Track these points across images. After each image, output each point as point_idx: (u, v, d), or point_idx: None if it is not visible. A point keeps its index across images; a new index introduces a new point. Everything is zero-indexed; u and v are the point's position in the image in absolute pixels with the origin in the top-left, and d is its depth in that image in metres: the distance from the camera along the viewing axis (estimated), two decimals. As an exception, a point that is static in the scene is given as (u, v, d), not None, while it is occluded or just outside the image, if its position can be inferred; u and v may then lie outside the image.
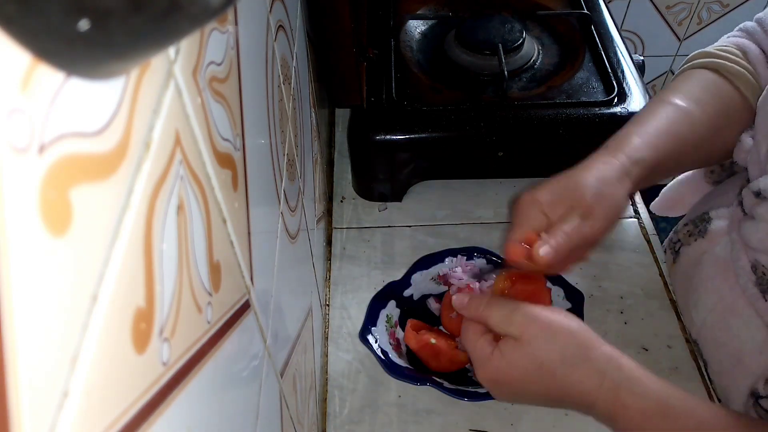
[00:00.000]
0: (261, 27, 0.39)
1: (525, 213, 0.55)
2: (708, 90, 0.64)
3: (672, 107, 0.62)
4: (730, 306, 0.61)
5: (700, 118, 0.62)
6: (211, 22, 0.23)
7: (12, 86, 0.14)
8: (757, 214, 0.57)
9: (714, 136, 0.64)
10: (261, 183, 0.37)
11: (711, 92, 0.64)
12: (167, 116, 0.22)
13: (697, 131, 0.62)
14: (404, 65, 0.83)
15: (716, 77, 0.65)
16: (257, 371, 0.35)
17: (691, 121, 0.62)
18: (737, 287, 0.59)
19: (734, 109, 0.64)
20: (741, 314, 0.59)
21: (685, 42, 1.58)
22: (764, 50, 0.65)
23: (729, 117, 0.64)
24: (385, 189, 0.81)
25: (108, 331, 0.18)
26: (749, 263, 0.58)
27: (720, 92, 0.64)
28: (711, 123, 0.63)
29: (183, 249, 0.24)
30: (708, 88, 0.65)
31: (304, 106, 0.58)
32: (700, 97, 0.64)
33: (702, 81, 0.65)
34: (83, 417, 0.16)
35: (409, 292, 0.69)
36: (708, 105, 0.63)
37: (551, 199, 0.55)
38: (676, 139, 0.61)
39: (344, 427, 0.63)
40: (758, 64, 0.65)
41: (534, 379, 0.49)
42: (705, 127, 0.63)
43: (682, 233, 0.69)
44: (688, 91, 0.64)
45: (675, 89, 0.65)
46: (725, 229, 0.64)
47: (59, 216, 0.16)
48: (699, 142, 0.63)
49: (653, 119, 0.61)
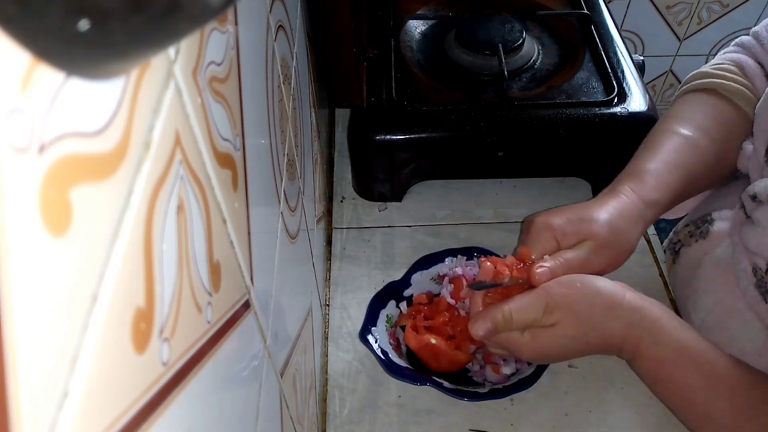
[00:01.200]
0: (261, 27, 0.39)
1: (537, 235, 0.57)
2: (710, 115, 0.65)
3: (678, 138, 0.63)
4: (730, 308, 0.61)
5: (707, 148, 0.63)
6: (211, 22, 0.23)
7: (12, 86, 0.14)
8: (754, 218, 0.57)
9: (721, 162, 0.65)
10: (261, 183, 0.37)
11: (714, 117, 0.65)
12: (167, 116, 0.22)
13: (705, 161, 0.63)
14: (404, 65, 0.83)
15: (716, 100, 0.65)
16: (257, 371, 0.35)
17: (699, 151, 0.63)
18: (737, 290, 0.59)
19: (737, 130, 0.65)
20: (740, 317, 0.59)
21: (685, 42, 1.58)
22: (761, 63, 0.65)
23: (733, 139, 0.65)
24: (385, 189, 0.81)
25: (108, 331, 0.18)
26: (750, 266, 0.58)
27: (722, 116, 0.65)
28: (717, 150, 0.64)
29: (183, 249, 0.24)
30: (710, 114, 0.65)
31: (304, 106, 0.58)
32: (704, 123, 0.64)
33: (703, 106, 0.66)
34: (83, 417, 0.16)
35: (409, 292, 0.69)
36: (711, 130, 0.64)
37: (565, 228, 0.57)
38: (687, 172, 0.62)
39: (344, 427, 0.63)
40: (755, 78, 0.65)
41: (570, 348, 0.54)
42: (712, 156, 0.64)
43: (682, 234, 0.69)
44: (692, 119, 0.65)
45: (678, 117, 0.66)
46: (727, 231, 0.64)
47: (59, 216, 0.16)
48: (707, 171, 0.64)
49: (662, 152, 0.62)
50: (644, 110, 0.75)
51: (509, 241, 0.78)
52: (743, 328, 0.59)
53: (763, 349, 0.57)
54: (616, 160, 0.67)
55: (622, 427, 0.63)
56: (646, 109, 0.75)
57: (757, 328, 0.58)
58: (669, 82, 1.68)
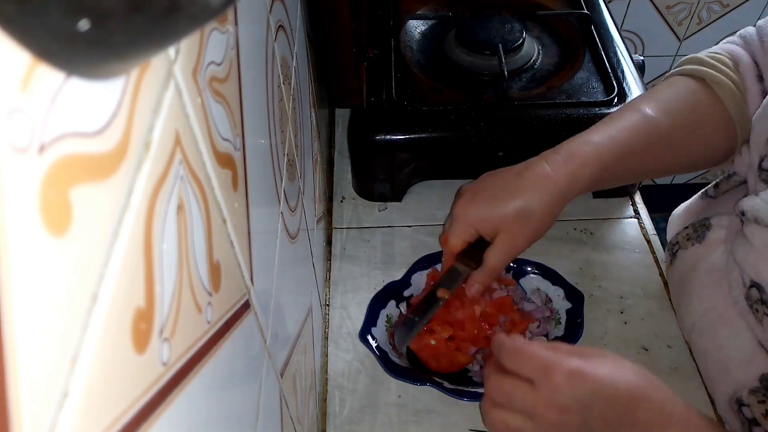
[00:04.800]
0: (261, 27, 0.39)
1: (459, 226, 0.63)
2: (685, 100, 0.65)
3: (639, 115, 0.63)
4: (721, 315, 0.60)
5: (667, 131, 0.63)
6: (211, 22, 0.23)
7: (12, 86, 0.14)
8: (744, 231, 0.57)
9: (680, 147, 0.65)
10: (261, 183, 0.37)
11: (688, 102, 0.65)
12: (167, 116, 0.22)
13: (660, 144, 0.63)
14: (404, 65, 0.83)
15: (698, 86, 0.65)
16: (257, 371, 0.35)
17: (657, 132, 0.63)
18: (729, 298, 0.59)
19: (709, 119, 0.64)
20: (731, 325, 0.59)
21: (685, 42, 1.58)
22: (756, 62, 0.64)
23: (701, 127, 0.65)
24: (385, 189, 0.81)
25: (108, 331, 0.18)
26: (741, 277, 0.57)
27: (698, 103, 0.64)
28: (679, 135, 0.64)
29: (183, 249, 0.24)
30: (686, 98, 0.65)
31: (304, 106, 0.58)
32: (675, 106, 0.64)
33: (681, 91, 0.66)
34: (83, 417, 0.16)
35: (409, 292, 0.69)
36: (680, 116, 0.64)
37: (482, 219, 0.62)
38: (633, 152, 0.62)
39: (344, 427, 0.63)
40: (747, 76, 0.63)
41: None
42: (671, 139, 0.64)
43: (681, 236, 0.69)
44: (663, 100, 0.65)
45: (651, 97, 0.66)
46: (723, 238, 0.63)
47: (59, 216, 0.16)
48: (661, 154, 0.64)
49: (614, 128, 0.63)
50: (644, 110, 0.75)
51: (509, 241, 0.78)
52: (733, 336, 0.59)
53: (751, 357, 0.57)
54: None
55: (622, 427, 0.63)
56: (646, 109, 0.75)
57: (746, 337, 0.58)
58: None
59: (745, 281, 0.56)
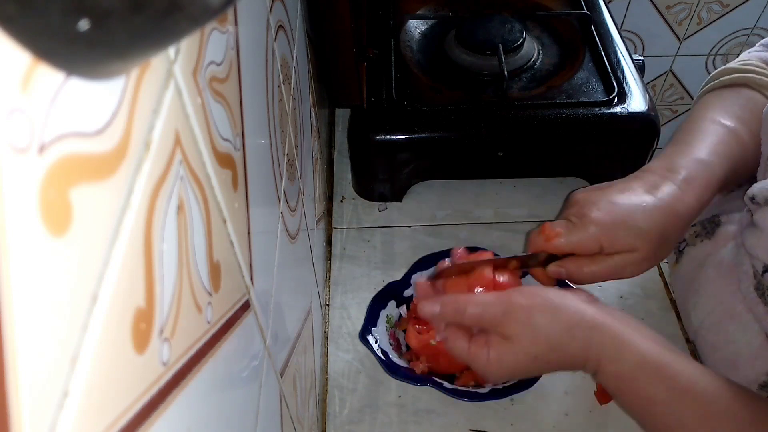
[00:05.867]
0: (261, 27, 0.39)
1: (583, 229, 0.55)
2: (745, 107, 0.63)
3: (723, 128, 0.61)
4: (729, 310, 0.61)
5: (747, 138, 0.62)
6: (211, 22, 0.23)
7: (12, 86, 0.14)
8: (754, 219, 0.57)
9: (757, 156, 0.63)
10: (261, 183, 0.37)
11: (749, 109, 0.63)
12: (167, 116, 0.22)
13: (746, 153, 0.61)
14: (404, 65, 0.83)
15: (750, 93, 0.64)
16: (257, 371, 0.35)
17: (742, 143, 0.61)
18: (738, 292, 0.59)
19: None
20: (739, 319, 0.59)
21: (685, 42, 1.58)
22: None
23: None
24: (385, 189, 0.81)
25: (108, 331, 0.18)
26: (752, 268, 0.58)
27: (757, 108, 0.63)
28: (755, 143, 0.62)
29: (183, 249, 0.24)
30: (745, 106, 0.64)
31: (304, 106, 0.58)
32: (741, 115, 0.63)
33: (738, 99, 0.64)
34: (83, 417, 0.16)
35: (409, 292, 0.69)
36: (750, 122, 0.62)
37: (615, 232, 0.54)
38: (732, 163, 0.60)
39: (344, 427, 0.63)
40: None
41: (532, 367, 0.53)
42: (752, 148, 0.62)
43: (688, 234, 0.69)
44: (731, 111, 0.63)
45: (717, 108, 0.63)
46: (733, 233, 0.63)
47: (59, 216, 0.16)
48: (747, 164, 0.62)
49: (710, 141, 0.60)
50: (644, 110, 0.75)
51: (509, 241, 0.78)
52: (741, 331, 0.59)
53: (759, 352, 0.57)
54: (616, 160, 0.67)
55: (622, 428, 0.63)
56: (646, 110, 0.75)
57: (754, 332, 0.58)
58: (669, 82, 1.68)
59: (757, 269, 0.56)
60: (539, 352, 0.51)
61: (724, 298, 0.61)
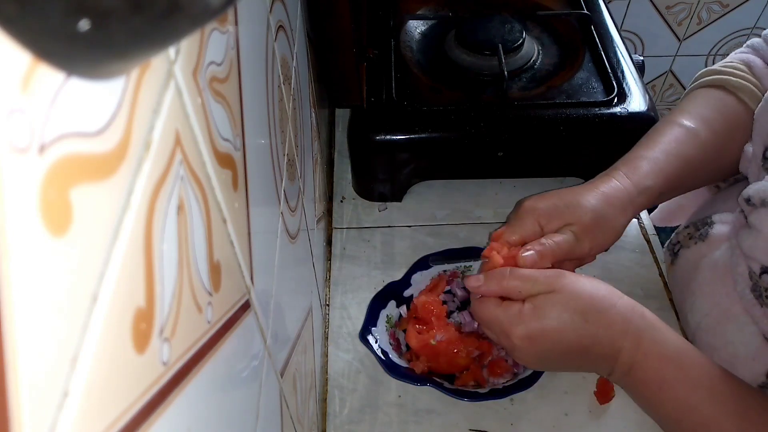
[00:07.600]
0: (261, 27, 0.39)
1: (521, 219, 0.58)
2: (714, 108, 0.66)
3: (679, 128, 0.64)
4: (726, 312, 0.61)
5: (707, 138, 0.64)
6: (211, 22, 0.23)
7: (12, 86, 0.14)
8: (749, 221, 0.57)
9: (721, 154, 0.65)
10: (261, 183, 0.37)
11: (717, 110, 0.65)
12: (167, 116, 0.22)
13: (704, 151, 0.63)
14: (404, 65, 0.83)
15: (722, 94, 0.66)
16: (257, 371, 0.35)
17: (699, 141, 0.63)
18: (734, 293, 0.59)
19: (742, 124, 0.65)
20: (736, 320, 0.59)
21: (685, 42, 1.58)
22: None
23: (735, 132, 0.65)
24: (385, 189, 0.81)
25: (108, 331, 0.18)
26: (747, 269, 0.58)
27: (726, 109, 0.65)
28: (718, 141, 0.64)
29: (183, 249, 0.24)
30: (714, 106, 0.66)
31: (304, 106, 0.58)
32: (707, 115, 0.65)
33: (708, 99, 0.66)
34: (83, 417, 0.16)
35: (409, 292, 0.69)
36: (715, 123, 0.64)
37: (549, 212, 0.57)
38: (684, 161, 0.62)
39: (344, 427, 0.63)
40: (764, 78, 0.66)
41: (567, 327, 0.51)
42: (712, 146, 0.64)
43: (682, 235, 0.69)
44: (695, 111, 0.65)
45: (682, 110, 0.66)
46: (726, 234, 0.64)
47: (59, 216, 0.16)
48: (706, 162, 0.64)
49: (661, 141, 0.63)
50: (644, 110, 0.75)
51: (509, 241, 0.78)
52: (738, 332, 0.59)
53: (756, 353, 0.57)
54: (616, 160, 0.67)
55: (622, 428, 0.63)
56: (645, 110, 0.75)
57: (752, 333, 0.58)
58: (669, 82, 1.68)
59: (754, 270, 0.56)
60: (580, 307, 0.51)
61: (721, 300, 0.61)
